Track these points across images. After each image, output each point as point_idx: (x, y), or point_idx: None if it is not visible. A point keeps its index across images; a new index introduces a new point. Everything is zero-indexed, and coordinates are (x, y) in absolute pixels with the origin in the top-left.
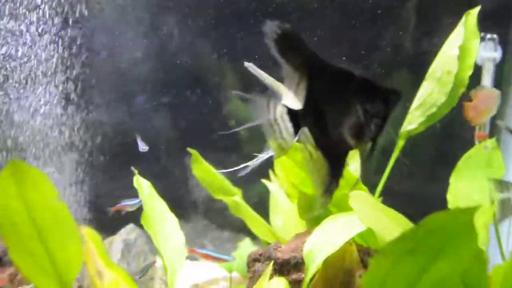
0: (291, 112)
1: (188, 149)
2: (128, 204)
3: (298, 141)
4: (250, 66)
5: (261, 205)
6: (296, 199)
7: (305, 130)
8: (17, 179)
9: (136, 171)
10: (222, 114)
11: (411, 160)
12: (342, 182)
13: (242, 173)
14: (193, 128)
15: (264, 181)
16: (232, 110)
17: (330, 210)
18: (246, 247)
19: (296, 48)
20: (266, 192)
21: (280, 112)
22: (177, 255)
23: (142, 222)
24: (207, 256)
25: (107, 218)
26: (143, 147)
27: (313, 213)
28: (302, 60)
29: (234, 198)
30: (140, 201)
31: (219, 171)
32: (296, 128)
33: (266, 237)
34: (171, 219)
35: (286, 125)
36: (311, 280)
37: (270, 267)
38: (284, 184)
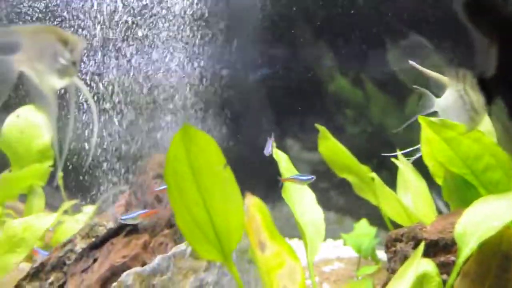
0: (482, 82)
1: (317, 125)
2: (300, 179)
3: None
4: (413, 63)
5: None
6: (441, 179)
7: (498, 100)
8: (187, 143)
9: (274, 144)
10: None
11: None
12: (494, 162)
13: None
14: (296, 111)
15: (393, 160)
16: (336, 90)
17: (478, 191)
18: (363, 228)
19: (487, 11)
20: None
21: (470, 82)
22: (316, 231)
23: (283, 195)
24: None
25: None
26: (268, 150)
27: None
28: (494, 24)
29: (372, 175)
30: (313, 178)
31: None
32: (488, 98)
33: (398, 217)
34: (309, 194)
35: (477, 95)
36: (463, 263)
37: (421, 248)
38: (429, 162)
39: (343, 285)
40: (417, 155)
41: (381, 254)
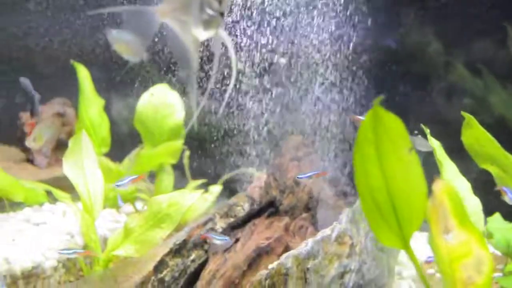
0: None
1: (463, 113)
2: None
3: None
4: None
5: None
6: None
7: None
8: (375, 125)
9: (428, 130)
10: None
11: None
12: None
13: None
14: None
15: None
16: (456, 81)
17: None
18: (496, 221)
19: None
20: None
21: None
22: (475, 220)
23: None
24: None
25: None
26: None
27: None
28: None
29: None
30: None
31: None
32: None
33: None
34: (463, 183)
35: None
36: None
37: None
38: None
39: None
40: None
41: None
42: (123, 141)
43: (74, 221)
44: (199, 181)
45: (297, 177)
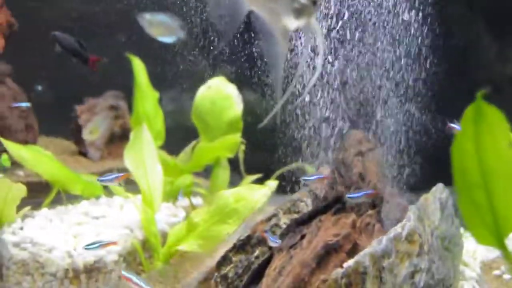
0: None
1: None
2: None
3: None
4: None
5: None
6: None
7: None
8: (476, 120)
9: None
10: None
11: None
12: None
13: None
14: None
15: None
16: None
17: None
18: None
19: None
20: None
21: None
22: None
23: None
24: None
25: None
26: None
27: None
28: None
29: None
30: None
31: None
32: None
33: None
34: None
35: None
36: None
37: None
38: None
39: None
40: None
41: None
42: (171, 134)
43: (131, 215)
44: (255, 176)
45: (302, 179)
